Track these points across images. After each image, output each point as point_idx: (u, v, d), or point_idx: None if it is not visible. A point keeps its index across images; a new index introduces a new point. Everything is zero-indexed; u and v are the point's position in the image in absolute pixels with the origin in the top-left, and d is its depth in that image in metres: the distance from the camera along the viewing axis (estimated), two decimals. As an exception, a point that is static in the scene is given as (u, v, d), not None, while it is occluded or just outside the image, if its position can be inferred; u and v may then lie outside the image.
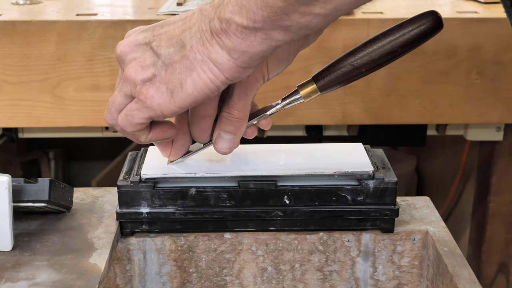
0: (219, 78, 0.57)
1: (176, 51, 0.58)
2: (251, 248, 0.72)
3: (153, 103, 0.59)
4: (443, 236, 0.70)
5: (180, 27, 0.59)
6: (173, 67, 0.58)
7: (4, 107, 1.14)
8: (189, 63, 0.58)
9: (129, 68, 0.60)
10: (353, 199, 0.69)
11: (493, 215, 1.28)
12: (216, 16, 0.56)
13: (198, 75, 0.58)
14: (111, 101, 0.62)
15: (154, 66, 0.59)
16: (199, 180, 0.69)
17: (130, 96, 0.61)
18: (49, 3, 1.25)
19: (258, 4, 0.53)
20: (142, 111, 0.60)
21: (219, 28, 0.56)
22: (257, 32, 0.55)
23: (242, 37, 0.55)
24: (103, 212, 0.74)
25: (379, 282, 0.73)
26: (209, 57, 0.57)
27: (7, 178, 0.63)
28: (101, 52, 1.11)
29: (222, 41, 0.56)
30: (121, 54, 0.61)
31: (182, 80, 0.58)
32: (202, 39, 0.57)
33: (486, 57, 1.13)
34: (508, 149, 1.24)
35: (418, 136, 1.25)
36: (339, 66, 0.63)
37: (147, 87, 0.59)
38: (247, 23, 0.54)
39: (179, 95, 0.58)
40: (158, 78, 0.59)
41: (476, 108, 1.16)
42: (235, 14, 0.54)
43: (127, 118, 0.61)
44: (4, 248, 0.65)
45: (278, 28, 0.54)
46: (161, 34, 0.60)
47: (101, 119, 1.15)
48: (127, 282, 0.73)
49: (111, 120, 0.63)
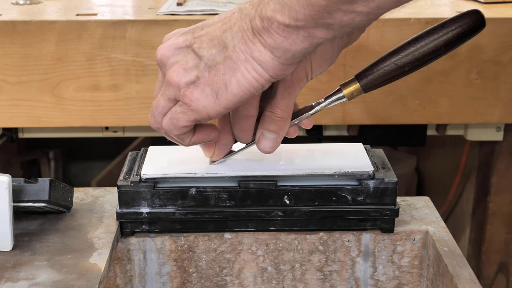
0: (263, 77, 0.57)
1: (218, 52, 0.58)
2: (251, 248, 0.72)
3: (198, 106, 0.59)
4: (443, 236, 0.70)
5: (220, 28, 0.59)
6: (216, 68, 0.58)
7: (4, 107, 1.14)
8: (232, 63, 0.58)
9: (172, 71, 0.60)
10: (353, 199, 0.69)
11: (493, 215, 1.28)
12: (257, 15, 0.56)
13: (242, 74, 0.57)
14: (155, 105, 0.62)
15: (197, 68, 0.59)
16: (199, 180, 0.69)
17: (174, 99, 0.61)
18: (49, 3, 1.25)
19: (300, 2, 0.53)
20: (187, 114, 0.60)
21: (261, 27, 0.56)
22: (299, 30, 0.54)
23: (284, 36, 0.55)
24: (103, 212, 0.74)
25: (379, 282, 0.73)
26: (252, 56, 0.57)
27: (7, 178, 0.63)
28: (101, 52, 1.11)
29: (264, 39, 0.56)
30: (162, 58, 0.61)
31: (226, 80, 0.58)
32: (244, 38, 0.57)
33: (486, 57, 1.13)
34: (508, 149, 1.24)
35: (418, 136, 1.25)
36: (382, 65, 0.63)
37: (191, 90, 0.59)
38: (289, 21, 0.54)
39: (224, 96, 0.58)
40: (202, 80, 0.59)
41: (476, 108, 1.16)
42: (277, 13, 0.54)
43: (172, 121, 0.61)
44: (4, 248, 0.65)
45: (320, 26, 0.54)
46: (201, 35, 0.60)
47: (101, 119, 1.15)
48: (127, 282, 0.73)
49: (155, 124, 0.63)
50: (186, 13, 1.13)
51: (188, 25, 1.09)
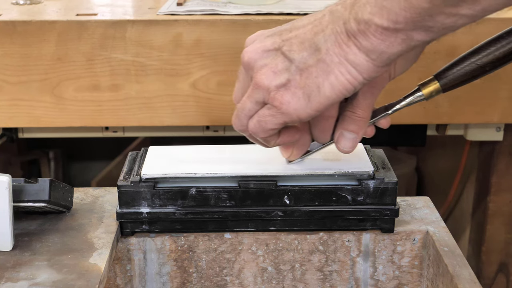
0: (357, 79, 0.57)
1: (310, 54, 0.58)
2: (251, 248, 0.72)
3: (289, 109, 0.59)
4: (443, 236, 0.70)
5: (311, 30, 0.58)
6: (308, 71, 0.58)
7: (4, 107, 1.14)
8: (326, 66, 0.57)
9: (261, 74, 0.60)
10: (353, 199, 0.69)
11: (493, 215, 1.28)
12: (352, 17, 0.55)
13: (336, 77, 0.57)
14: (241, 107, 0.62)
15: (288, 71, 0.59)
16: (199, 180, 0.69)
17: (262, 102, 0.61)
18: (49, 3, 1.24)
19: (401, 5, 0.52)
20: (277, 117, 0.60)
21: (356, 30, 0.55)
22: (398, 33, 0.54)
23: (381, 38, 0.54)
24: (103, 212, 0.74)
25: (379, 282, 0.73)
26: (347, 59, 0.56)
27: (7, 178, 0.63)
28: (101, 52, 1.11)
29: (360, 42, 0.55)
30: (250, 61, 0.61)
31: (319, 83, 0.58)
32: (338, 41, 0.57)
33: (486, 57, 1.13)
34: (508, 149, 1.24)
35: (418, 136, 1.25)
36: (462, 65, 0.63)
37: (281, 93, 0.59)
38: (388, 24, 0.53)
39: (316, 99, 0.58)
40: (293, 83, 0.59)
41: (476, 108, 1.16)
42: (375, 15, 0.54)
43: (260, 124, 0.61)
44: (4, 248, 0.65)
45: (420, 28, 0.53)
46: (290, 38, 0.59)
47: (101, 119, 1.15)
48: (127, 282, 0.73)
49: (241, 126, 0.63)
50: (186, 13, 1.13)
51: (188, 25, 1.10)
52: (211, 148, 0.76)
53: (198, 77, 1.12)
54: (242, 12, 1.12)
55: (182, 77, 1.12)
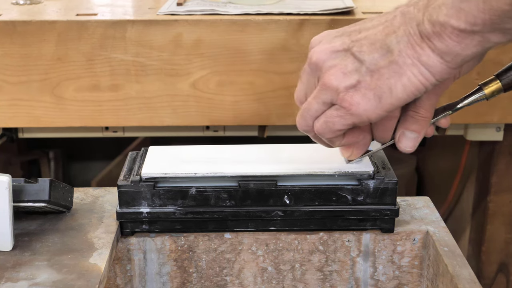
0: (429, 81, 0.57)
1: (381, 56, 0.58)
2: (251, 248, 0.72)
3: (359, 110, 0.59)
4: (443, 236, 0.70)
5: (382, 32, 0.58)
6: (380, 73, 0.58)
7: (4, 107, 1.14)
8: (398, 68, 0.57)
9: (329, 75, 0.60)
10: (353, 199, 0.69)
11: (493, 215, 1.28)
12: (426, 19, 0.55)
13: (408, 79, 0.57)
14: (306, 108, 0.62)
15: (358, 73, 0.59)
16: (199, 179, 0.69)
17: (330, 103, 0.61)
18: (49, 3, 1.24)
19: (479, 7, 0.52)
20: (345, 118, 0.60)
21: (431, 31, 0.55)
22: (474, 35, 0.54)
23: (457, 40, 0.54)
24: (103, 212, 0.74)
25: (379, 282, 0.73)
26: (420, 61, 0.56)
27: (7, 178, 0.63)
28: (101, 52, 1.11)
29: (434, 44, 0.55)
30: (318, 61, 0.61)
31: (391, 85, 0.58)
32: (411, 42, 0.56)
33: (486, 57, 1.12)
34: (508, 149, 1.24)
35: (418, 136, 1.25)
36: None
37: (351, 94, 0.59)
38: (465, 26, 0.53)
39: (388, 100, 0.58)
40: (364, 85, 0.58)
41: (476, 108, 1.16)
42: (452, 18, 0.53)
43: (328, 125, 0.61)
44: (4, 248, 0.65)
45: (497, 30, 0.53)
46: (360, 39, 0.59)
47: (101, 119, 1.15)
48: (127, 282, 0.73)
49: (306, 126, 0.63)
50: (186, 13, 1.13)
51: (188, 25, 1.10)
52: (211, 148, 0.76)
53: (198, 77, 1.12)
54: (242, 12, 1.12)
55: (182, 77, 1.12)
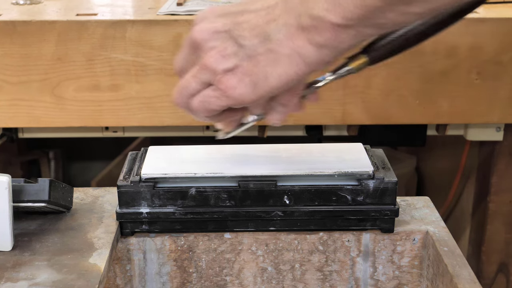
0: (303, 71, 0.57)
1: (260, 42, 0.58)
2: (251, 248, 0.72)
3: (234, 93, 0.59)
4: (443, 236, 0.70)
5: (263, 17, 0.58)
6: (257, 59, 0.58)
7: (4, 107, 1.14)
8: (275, 56, 0.57)
9: (209, 56, 0.59)
10: (353, 199, 0.69)
11: (493, 215, 1.28)
12: (305, 12, 0.55)
13: (283, 68, 0.57)
14: (184, 86, 0.62)
15: (236, 56, 0.59)
16: (199, 180, 0.69)
17: (207, 83, 0.61)
18: (49, 3, 1.24)
19: (355, 3, 0.53)
20: (221, 99, 0.60)
21: (310, 25, 0.55)
22: (350, 30, 0.54)
23: (334, 34, 0.55)
24: (103, 212, 0.74)
25: (379, 282, 0.73)
26: (297, 51, 0.57)
27: (7, 178, 0.63)
28: (101, 52, 1.11)
29: (312, 36, 0.56)
30: (199, 41, 0.60)
31: (267, 72, 0.58)
32: (290, 32, 0.56)
33: (486, 57, 1.13)
34: (508, 149, 1.24)
35: (418, 136, 1.25)
36: (389, 39, 0.63)
37: (228, 77, 0.59)
38: (342, 21, 0.54)
39: (262, 87, 0.58)
40: (241, 69, 0.59)
41: (476, 108, 1.16)
42: (329, 12, 0.54)
43: (203, 104, 0.61)
44: (4, 248, 0.65)
45: (372, 25, 0.54)
46: (242, 22, 0.59)
47: (101, 119, 1.15)
48: (127, 282, 0.73)
49: (183, 103, 0.63)
50: (186, 13, 1.13)
51: (188, 25, 1.09)
52: (211, 148, 0.76)
53: (198, 77, 1.12)
54: (242, 12, 1.12)
55: (182, 77, 1.12)
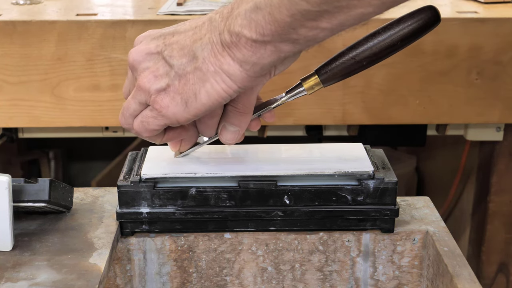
0: (231, 88, 0.59)
1: (188, 61, 0.59)
2: (251, 248, 0.72)
3: (168, 112, 0.61)
4: (443, 236, 0.70)
5: (191, 37, 0.60)
6: (186, 78, 0.60)
7: (4, 107, 1.14)
8: (202, 74, 0.59)
9: (143, 77, 0.61)
10: (353, 199, 0.69)
11: (493, 215, 1.28)
12: (226, 29, 0.57)
13: (211, 86, 0.59)
14: (126, 107, 0.64)
15: (168, 76, 0.60)
16: (199, 180, 0.69)
17: (145, 103, 0.62)
18: (49, 3, 1.25)
19: (266, 18, 0.54)
20: (158, 119, 0.62)
21: (230, 41, 0.57)
22: (267, 45, 0.56)
23: (252, 50, 0.56)
24: (103, 212, 0.74)
25: (379, 282, 0.73)
26: (221, 69, 0.58)
27: (7, 178, 0.63)
28: (101, 52, 1.11)
29: (233, 53, 0.57)
30: (134, 63, 0.62)
31: (196, 90, 0.59)
32: (213, 51, 0.58)
33: (486, 57, 1.13)
34: (508, 149, 1.24)
35: (418, 136, 1.25)
36: (341, 60, 0.64)
37: (161, 97, 0.61)
38: (256, 36, 0.55)
39: (193, 105, 0.60)
40: (172, 88, 0.60)
41: (476, 108, 1.16)
42: (245, 28, 0.56)
43: (143, 124, 0.63)
44: (4, 248, 0.65)
45: (286, 41, 0.55)
46: (172, 43, 0.61)
47: (101, 119, 1.15)
48: (127, 282, 0.73)
49: (126, 124, 0.65)
50: (186, 13, 1.13)
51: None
52: (211, 148, 0.76)
53: (198, 77, 1.12)
54: (242, 12, 1.12)
55: (182, 77, 1.12)
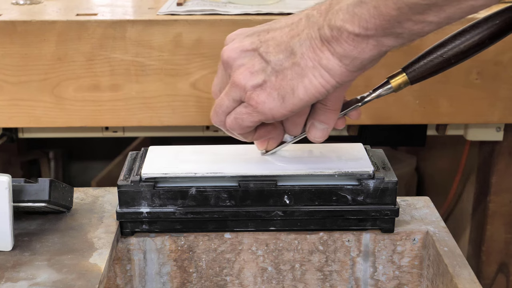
0: (330, 83, 0.59)
1: (285, 57, 0.60)
2: (251, 248, 0.72)
3: (264, 108, 0.61)
4: (443, 236, 0.70)
5: (287, 34, 0.60)
6: (283, 74, 0.60)
7: (4, 107, 1.14)
8: (300, 70, 0.59)
9: (238, 74, 0.62)
10: (353, 199, 0.69)
11: (493, 215, 1.28)
12: (325, 24, 0.57)
13: (309, 81, 0.59)
14: (218, 104, 0.64)
15: (264, 72, 0.61)
16: (199, 179, 0.69)
17: (239, 100, 0.63)
18: (49, 3, 1.24)
19: (371, 12, 0.54)
20: (253, 115, 0.62)
21: (330, 36, 0.57)
22: (369, 39, 0.56)
23: (353, 45, 0.56)
24: (103, 212, 0.74)
25: (379, 282, 0.73)
26: (320, 64, 0.58)
27: (7, 178, 0.63)
28: (101, 52, 1.11)
29: (333, 48, 0.57)
30: (229, 60, 0.62)
31: (293, 86, 0.60)
32: (312, 46, 0.58)
33: (486, 57, 1.13)
34: (508, 149, 1.24)
35: (418, 136, 1.25)
36: (429, 58, 0.64)
37: (257, 93, 0.61)
38: (359, 31, 0.55)
39: (290, 100, 0.60)
40: (269, 84, 0.60)
41: (476, 108, 1.16)
42: (347, 22, 0.56)
43: (237, 121, 0.63)
44: (4, 248, 0.65)
45: (390, 35, 0.55)
46: (268, 40, 0.61)
47: (101, 119, 1.15)
48: (127, 282, 0.73)
49: (219, 121, 0.65)
50: (186, 13, 1.13)
51: (188, 25, 1.10)
52: (211, 148, 0.76)
53: (198, 77, 1.12)
54: (242, 12, 1.12)
55: (182, 77, 1.12)
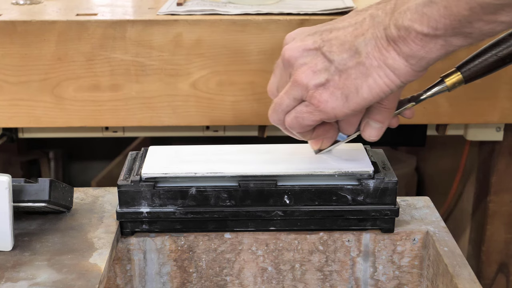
0: (394, 83, 0.59)
1: (350, 57, 0.59)
2: (251, 248, 0.72)
3: (326, 107, 0.61)
4: (443, 236, 0.70)
5: (351, 33, 0.60)
6: (347, 73, 0.59)
7: (4, 107, 1.14)
8: (365, 69, 0.59)
9: (300, 73, 0.61)
10: (353, 199, 0.69)
11: (493, 215, 1.28)
12: (392, 23, 0.57)
13: (374, 80, 0.59)
14: (278, 102, 0.64)
15: (327, 71, 0.60)
16: (199, 179, 0.69)
17: (300, 99, 0.62)
18: (49, 3, 1.24)
19: (441, 12, 0.54)
20: (314, 114, 0.62)
21: (397, 36, 0.57)
22: (437, 39, 0.55)
23: (421, 44, 0.56)
24: (103, 212, 0.74)
25: (379, 282, 0.73)
26: (386, 63, 0.58)
27: (7, 178, 0.63)
28: (101, 52, 1.11)
29: (400, 48, 0.57)
30: (290, 59, 0.62)
31: (358, 85, 0.59)
32: (378, 45, 0.58)
33: (486, 57, 1.13)
34: (508, 149, 1.24)
35: (418, 136, 1.25)
36: (484, 57, 0.64)
37: (320, 92, 0.61)
38: (428, 30, 0.55)
39: (354, 100, 0.60)
40: (332, 83, 0.60)
41: (476, 108, 1.16)
42: (415, 22, 0.55)
43: (297, 120, 0.63)
44: (4, 248, 0.65)
45: (459, 35, 0.55)
46: (331, 39, 0.61)
47: (101, 119, 1.15)
48: (127, 282, 0.73)
49: (278, 120, 0.65)
50: (186, 13, 1.13)
51: (188, 25, 1.10)
52: (211, 148, 0.76)
53: (198, 77, 1.12)
54: (242, 12, 1.12)
55: (182, 77, 1.12)
